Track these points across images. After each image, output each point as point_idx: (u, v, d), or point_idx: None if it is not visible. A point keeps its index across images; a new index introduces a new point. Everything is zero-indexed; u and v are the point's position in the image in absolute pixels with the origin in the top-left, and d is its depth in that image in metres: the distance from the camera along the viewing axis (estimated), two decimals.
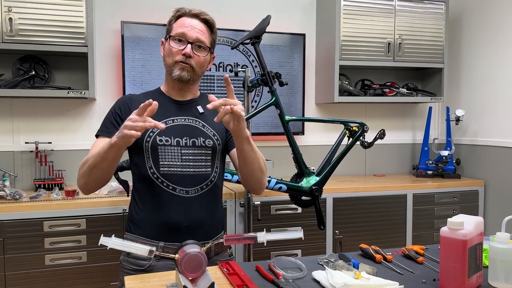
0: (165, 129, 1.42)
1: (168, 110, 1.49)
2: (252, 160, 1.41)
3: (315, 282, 1.13)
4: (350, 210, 2.77)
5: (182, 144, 1.45)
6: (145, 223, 1.45)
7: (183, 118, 1.49)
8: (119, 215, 2.33)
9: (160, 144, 1.43)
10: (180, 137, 1.46)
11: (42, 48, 2.43)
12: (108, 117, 1.50)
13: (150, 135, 1.43)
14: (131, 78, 2.74)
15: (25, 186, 2.68)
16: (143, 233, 1.43)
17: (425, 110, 3.45)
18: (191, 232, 1.40)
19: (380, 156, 3.43)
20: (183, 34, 1.45)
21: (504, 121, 2.99)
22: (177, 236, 1.39)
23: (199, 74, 1.50)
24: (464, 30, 3.32)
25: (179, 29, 1.46)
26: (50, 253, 2.24)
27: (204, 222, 1.46)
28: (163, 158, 1.43)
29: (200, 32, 1.46)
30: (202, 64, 1.49)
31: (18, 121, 2.69)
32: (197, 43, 1.46)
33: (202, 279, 1.04)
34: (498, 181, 3.02)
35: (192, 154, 1.45)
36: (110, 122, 1.48)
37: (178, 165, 1.44)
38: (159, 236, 1.42)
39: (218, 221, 1.56)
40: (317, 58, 3.23)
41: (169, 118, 1.48)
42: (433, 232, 2.92)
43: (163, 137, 1.44)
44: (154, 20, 2.79)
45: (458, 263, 1.04)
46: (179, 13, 1.49)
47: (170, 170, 1.43)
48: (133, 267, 1.42)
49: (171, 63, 1.47)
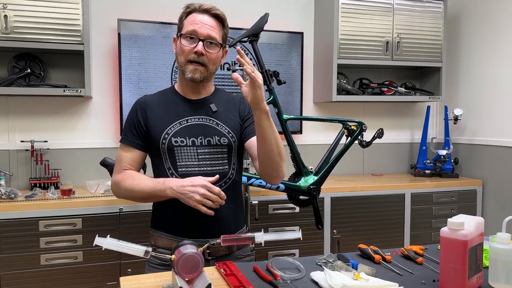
0: (180, 129, 1.45)
1: (181, 110, 1.49)
2: (271, 139, 1.38)
3: (313, 283, 1.12)
4: (348, 209, 2.76)
5: (197, 144, 1.46)
6: (169, 221, 1.48)
7: (197, 118, 1.49)
8: (115, 214, 2.32)
9: (176, 146, 1.44)
10: (195, 137, 1.46)
11: (37, 45, 2.41)
12: (128, 124, 1.51)
13: (165, 137, 1.45)
14: (127, 76, 2.72)
15: (21, 185, 2.66)
16: (168, 230, 1.47)
17: (423, 109, 3.45)
18: (214, 229, 1.43)
19: (378, 155, 3.42)
20: (194, 32, 1.43)
21: (502, 121, 2.98)
22: (200, 232, 1.43)
23: (212, 71, 1.50)
24: (463, 29, 3.31)
25: (189, 26, 1.44)
26: (45, 253, 2.22)
27: (226, 219, 1.47)
28: (180, 159, 1.45)
29: (211, 28, 1.45)
30: (215, 61, 1.49)
31: (14, 120, 2.66)
32: (209, 40, 1.45)
33: (199, 280, 1.03)
34: (496, 181, 3.02)
35: (208, 153, 1.46)
36: (129, 130, 1.50)
37: (195, 164, 1.45)
38: (183, 233, 1.44)
39: (240, 216, 1.57)
40: (315, 56, 3.21)
41: (183, 119, 1.48)
42: (431, 232, 2.92)
43: (178, 138, 1.45)
44: (151, 18, 2.77)
45: (459, 264, 1.02)
46: (189, 9, 1.48)
47: (188, 170, 1.44)
48: (158, 262, 1.45)
49: (183, 62, 1.46)
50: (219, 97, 1.57)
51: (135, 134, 1.48)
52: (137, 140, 1.48)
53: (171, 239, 1.45)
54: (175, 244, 1.39)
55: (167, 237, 1.46)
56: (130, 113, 1.53)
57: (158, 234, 1.49)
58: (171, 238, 1.45)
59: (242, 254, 1.53)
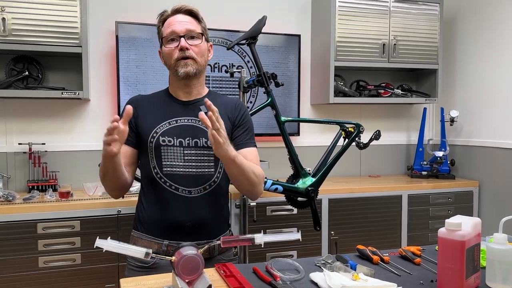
0: (169, 129, 1.46)
1: (172, 110, 1.50)
2: (240, 177, 1.40)
3: (312, 284, 1.13)
4: (345, 211, 2.77)
5: (184, 145, 1.46)
6: (150, 222, 1.47)
7: (186, 119, 1.50)
8: (114, 217, 2.32)
9: (163, 145, 1.45)
10: (183, 137, 1.47)
11: (35, 48, 2.41)
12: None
13: (153, 135, 1.45)
14: (125, 79, 2.72)
15: (18, 187, 2.65)
16: (149, 232, 1.47)
17: (420, 111, 3.47)
18: (194, 232, 1.44)
19: (375, 157, 3.44)
20: (172, 32, 1.47)
21: (498, 122, 3.00)
22: (180, 235, 1.42)
23: (202, 64, 1.51)
24: (459, 31, 3.34)
25: (167, 29, 1.49)
26: (43, 255, 2.21)
27: (208, 222, 1.48)
28: (166, 158, 1.45)
29: (187, 24, 1.48)
30: (202, 53, 1.50)
31: (11, 122, 2.66)
32: (189, 34, 1.47)
33: (199, 282, 1.04)
34: (493, 182, 3.04)
35: (194, 155, 1.47)
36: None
37: (180, 165, 1.45)
38: (163, 235, 1.44)
39: (223, 220, 1.57)
40: (313, 59, 3.23)
41: (173, 119, 1.49)
42: (428, 233, 2.93)
43: (166, 137, 1.45)
44: (148, 20, 2.77)
45: (456, 264, 1.03)
46: (163, 17, 1.53)
47: (172, 170, 1.45)
48: (138, 264, 1.45)
49: (173, 64, 1.47)
50: (212, 100, 1.57)
51: (129, 132, 1.44)
52: (129, 137, 1.44)
53: (151, 240, 1.45)
54: (155, 246, 1.41)
55: (147, 238, 1.46)
56: (122, 111, 1.51)
57: (138, 235, 1.49)
58: (151, 240, 1.45)
59: (224, 259, 1.51)
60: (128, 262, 1.49)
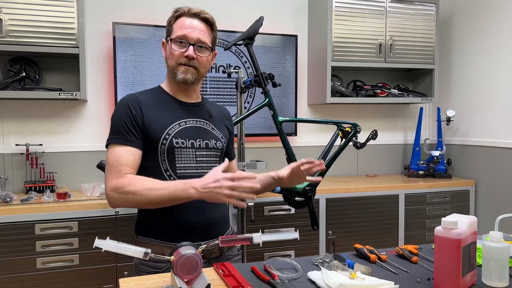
0: (180, 130, 1.44)
1: (178, 111, 1.48)
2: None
3: (310, 283, 1.13)
4: (343, 210, 2.78)
5: (196, 146, 1.46)
6: (161, 226, 1.42)
7: (194, 120, 1.49)
8: (112, 217, 2.32)
9: (177, 147, 1.42)
10: (194, 139, 1.46)
11: (32, 49, 2.41)
12: (121, 122, 1.39)
13: (166, 137, 1.41)
14: (122, 80, 2.72)
15: (16, 188, 2.65)
16: (158, 236, 1.41)
17: (416, 110, 3.48)
18: (204, 232, 1.43)
19: (372, 156, 3.45)
20: (184, 36, 1.43)
21: (494, 121, 3.02)
22: (192, 236, 1.37)
23: (202, 75, 1.50)
24: (455, 31, 3.36)
25: (179, 31, 1.43)
26: (41, 256, 2.21)
27: (216, 221, 1.48)
28: (180, 160, 1.43)
29: (201, 33, 1.45)
30: (205, 65, 1.49)
31: (9, 123, 2.66)
32: (199, 44, 1.44)
33: (198, 281, 1.04)
34: (489, 181, 3.06)
35: (205, 156, 1.48)
36: (126, 128, 1.38)
37: (193, 166, 1.45)
38: (175, 237, 1.38)
39: (226, 219, 1.58)
40: (309, 59, 3.24)
41: (181, 120, 1.47)
42: (425, 232, 2.94)
43: (179, 139, 1.43)
44: (145, 21, 2.78)
45: (453, 262, 1.04)
46: (178, 13, 1.47)
47: (186, 172, 1.43)
48: (150, 270, 1.39)
49: (174, 66, 1.45)
50: (211, 105, 1.61)
51: (134, 132, 1.38)
52: (138, 139, 1.39)
53: (163, 245, 1.40)
54: (168, 250, 1.37)
55: (159, 243, 1.40)
56: (120, 111, 1.41)
57: (148, 241, 1.42)
58: (163, 244, 1.40)
59: (231, 255, 1.54)
60: (139, 268, 1.42)
